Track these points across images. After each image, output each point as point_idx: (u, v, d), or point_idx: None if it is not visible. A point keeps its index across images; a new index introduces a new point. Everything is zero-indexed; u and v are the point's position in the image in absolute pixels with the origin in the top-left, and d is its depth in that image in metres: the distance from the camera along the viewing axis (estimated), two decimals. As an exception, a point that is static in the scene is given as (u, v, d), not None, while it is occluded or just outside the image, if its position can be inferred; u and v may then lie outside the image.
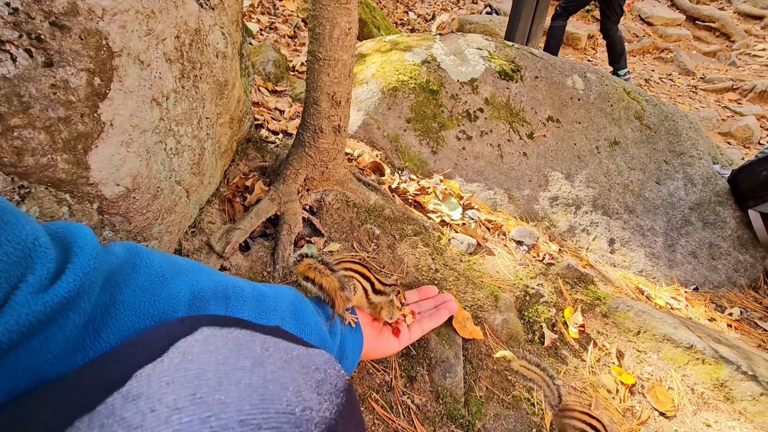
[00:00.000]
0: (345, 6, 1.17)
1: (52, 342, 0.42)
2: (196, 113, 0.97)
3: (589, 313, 1.58)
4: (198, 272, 0.60)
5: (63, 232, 0.47)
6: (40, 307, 0.39)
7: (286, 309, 0.69)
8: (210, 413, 0.33)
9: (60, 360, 0.43)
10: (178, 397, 0.34)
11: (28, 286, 0.40)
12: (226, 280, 0.63)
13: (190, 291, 0.56)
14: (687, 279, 2.10)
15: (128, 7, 0.68)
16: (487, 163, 2.13)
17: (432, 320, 1.00)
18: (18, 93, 0.56)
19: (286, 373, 0.39)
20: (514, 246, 1.80)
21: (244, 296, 0.63)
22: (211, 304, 0.58)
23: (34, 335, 0.40)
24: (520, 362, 1.09)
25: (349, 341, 0.81)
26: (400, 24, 5.37)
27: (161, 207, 0.89)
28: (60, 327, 0.42)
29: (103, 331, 0.47)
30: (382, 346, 0.92)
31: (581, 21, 7.37)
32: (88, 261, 0.45)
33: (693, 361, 1.43)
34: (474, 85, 2.22)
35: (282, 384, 0.37)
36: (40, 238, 0.42)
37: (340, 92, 1.30)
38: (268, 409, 0.35)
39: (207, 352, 0.38)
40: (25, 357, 0.40)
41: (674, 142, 2.46)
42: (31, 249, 0.41)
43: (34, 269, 0.41)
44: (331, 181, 1.48)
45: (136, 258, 0.54)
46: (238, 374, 0.37)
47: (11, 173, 0.60)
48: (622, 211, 2.21)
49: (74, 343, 0.44)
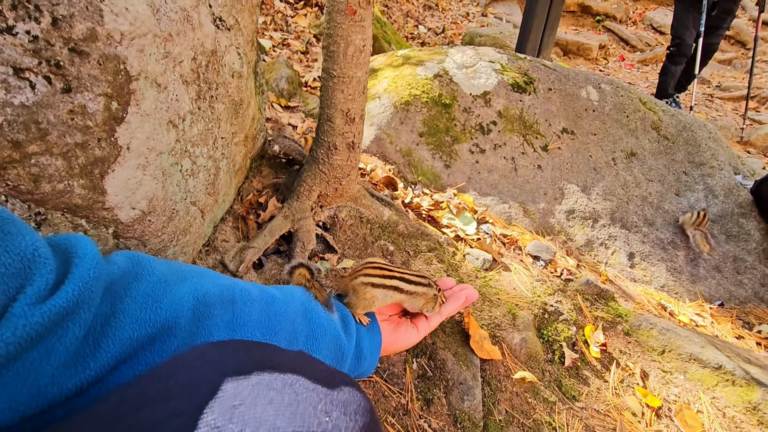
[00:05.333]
0: (359, 24, 1.17)
1: (52, 354, 0.41)
2: (212, 133, 0.97)
3: (611, 331, 1.53)
4: (203, 277, 0.60)
5: (64, 244, 0.47)
6: (38, 318, 0.39)
7: (296, 311, 0.68)
8: (246, 428, 0.34)
9: (60, 372, 0.42)
10: (216, 417, 0.35)
11: (27, 297, 0.39)
12: (232, 284, 0.62)
13: (195, 296, 0.55)
14: (711, 294, 2.03)
15: (146, 31, 0.68)
16: (501, 177, 2.10)
17: (449, 305, 0.96)
18: (36, 120, 0.56)
19: (312, 394, 0.39)
20: (530, 261, 1.76)
21: (252, 299, 0.62)
22: (217, 309, 0.57)
23: (33, 347, 0.39)
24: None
25: (366, 340, 0.79)
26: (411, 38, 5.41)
27: (176, 228, 0.89)
28: (59, 338, 0.42)
29: (104, 341, 0.46)
30: (402, 339, 0.89)
31: (592, 31, 7.34)
32: (87, 271, 0.44)
33: (722, 382, 1.37)
34: (487, 98, 2.20)
35: (312, 403, 0.38)
36: (39, 249, 0.42)
37: (354, 109, 1.29)
38: (302, 426, 0.35)
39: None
40: (25, 370, 0.39)
41: (693, 153, 2.40)
42: (30, 260, 0.41)
43: (33, 281, 0.40)
44: (345, 198, 1.47)
45: (138, 267, 0.54)
46: (269, 394, 0.37)
47: (28, 200, 0.60)
48: (641, 224, 2.16)
49: (75, 354, 0.44)
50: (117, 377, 0.47)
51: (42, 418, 0.41)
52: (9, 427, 0.40)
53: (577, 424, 1.21)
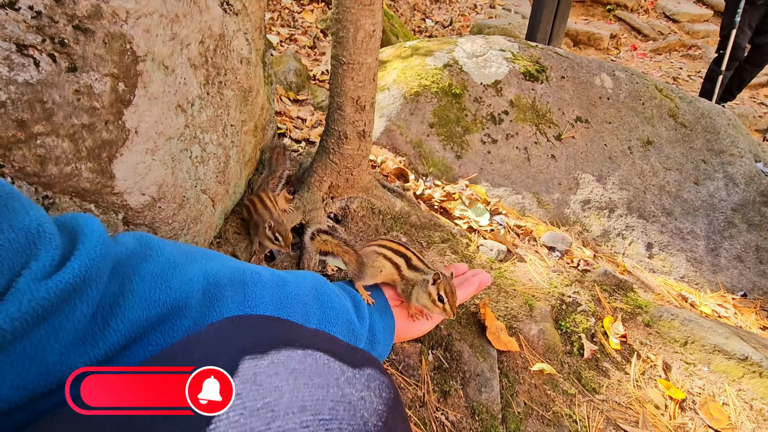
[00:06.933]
0: (369, 8, 1.14)
1: (60, 332, 0.40)
2: (221, 120, 0.95)
3: (631, 322, 1.49)
4: (212, 259, 0.58)
5: (71, 222, 0.46)
6: (43, 293, 0.38)
7: (308, 294, 0.67)
8: (268, 399, 0.33)
9: (69, 351, 0.41)
10: (236, 387, 0.35)
11: (32, 273, 0.38)
12: (242, 267, 0.61)
13: (205, 277, 0.54)
14: (733, 285, 1.97)
15: (152, 11, 0.66)
16: (514, 167, 2.06)
17: (462, 290, 0.93)
18: (41, 99, 0.54)
19: (335, 366, 0.38)
20: (546, 252, 1.72)
21: (263, 282, 0.60)
22: (227, 291, 0.55)
23: (40, 324, 0.38)
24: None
25: (378, 324, 0.77)
26: (418, 31, 5.36)
27: (187, 216, 0.87)
28: (67, 316, 0.41)
29: (113, 320, 0.45)
30: (415, 325, 0.88)
31: (603, 21, 7.21)
32: (94, 248, 0.43)
33: (749, 374, 1.32)
34: (498, 88, 2.16)
35: (335, 375, 0.37)
36: (44, 225, 0.41)
37: (364, 96, 1.27)
38: (326, 395, 0.35)
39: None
40: (32, 348, 0.38)
41: (712, 140, 2.33)
42: (35, 236, 0.40)
43: (38, 256, 0.39)
44: (356, 188, 1.44)
45: (146, 247, 0.52)
46: (291, 363, 0.37)
47: (35, 183, 0.58)
48: (659, 213, 2.10)
49: (83, 333, 0.43)
50: (127, 357, 0.45)
51: (51, 397, 0.40)
52: (18, 407, 0.39)
53: (598, 417, 1.17)
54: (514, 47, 2.33)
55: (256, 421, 0.31)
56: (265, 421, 0.31)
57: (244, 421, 0.31)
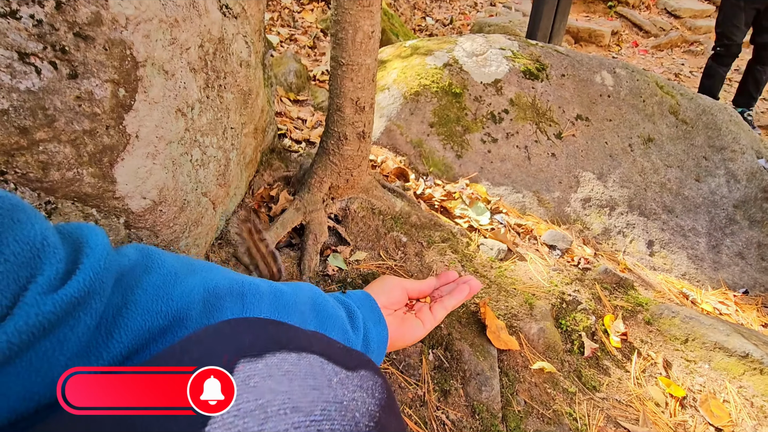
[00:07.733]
0: (368, 9, 1.14)
1: (65, 344, 0.41)
2: (221, 123, 0.96)
3: (631, 320, 1.49)
4: (212, 271, 0.60)
5: (75, 233, 0.47)
6: (50, 307, 0.38)
7: (305, 303, 0.67)
8: (262, 400, 0.33)
9: (74, 362, 0.42)
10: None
11: (38, 286, 0.39)
12: (241, 279, 0.62)
13: (205, 288, 0.55)
14: (735, 282, 1.96)
15: (152, 16, 0.67)
16: (514, 166, 2.06)
17: (453, 297, 0.93)
18: (43, 106, 0.55)
19: (329, 368, 0.39)
20: (546, 251, 1.73)
21: (261, 293, 0.61)
22: (227, 301, 0.56)
23: (46, 337, 0.39)
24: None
25: (372, 333, 0.78)
26: (418, 30, 5.35)
27: (188, 219, 0.88)
28: (72, 328, 0.41)
29: (116, 331, 0.46)
30: (408, 333, 0.88)
31: (604, 17, 7.19)
32: (98, 261, 0.44)
33: (749, 371, 1.32)
34: (498, 86, 2.16)
35: (328, 376, 0.38)
36: (48, 238, 0.41)
37: (363, 97, 1.27)
38: (318, 397, 0.35)
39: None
40: (38, 359, 0.39)
41: (713, 137, 2.33)
42: (39, 249, 0.40)
43: (43, 270, 0.40)
44: (356, 189, 1.45)
45: (148, 259, 0.53)
46: (285, 365, 0.37)
47: (37, 189, 0.59)
48: (660, 211, 2.10)
49: (87, 344, 0.44)
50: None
51: (57, 407, 0.41)
52: (24, 417, 0.39)
53: (599, 415, 1.18)
54: (514, 46, 2.33)
55: (249, 422, 0.32)
56: (259, 422, 0.32)
57: (238, 422, 0.32)
